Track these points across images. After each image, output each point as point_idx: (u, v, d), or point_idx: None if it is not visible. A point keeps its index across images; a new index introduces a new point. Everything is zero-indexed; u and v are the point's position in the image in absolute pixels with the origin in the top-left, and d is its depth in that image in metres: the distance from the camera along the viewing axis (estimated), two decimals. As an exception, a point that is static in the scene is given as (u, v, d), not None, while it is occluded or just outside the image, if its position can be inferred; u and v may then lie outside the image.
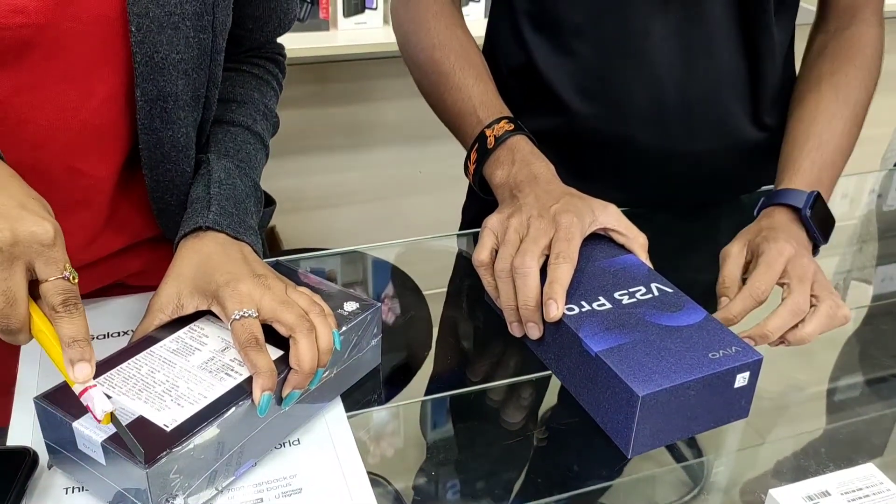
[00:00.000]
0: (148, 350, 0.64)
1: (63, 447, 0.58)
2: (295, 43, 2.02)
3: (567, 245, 0.73)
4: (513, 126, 0.86)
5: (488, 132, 0.86)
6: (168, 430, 0.56)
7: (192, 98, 0.74)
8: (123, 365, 0.62)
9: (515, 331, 0.75)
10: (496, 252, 0.76)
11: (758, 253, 0.79)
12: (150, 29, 0.67)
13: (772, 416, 0.77)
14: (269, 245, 0.77)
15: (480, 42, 1.01)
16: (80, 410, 0.56)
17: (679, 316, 0.69)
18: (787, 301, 0.74)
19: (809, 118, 0.91)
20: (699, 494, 0.71)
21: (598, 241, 0.79)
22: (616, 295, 0.72)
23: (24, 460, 0.59)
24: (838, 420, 0.79)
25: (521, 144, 0.85)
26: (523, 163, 0.83)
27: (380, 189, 2.40)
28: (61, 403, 0.57)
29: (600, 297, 0.72)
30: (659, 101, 0.94)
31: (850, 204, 1.19)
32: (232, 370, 0.62)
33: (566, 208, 0.76)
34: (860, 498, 0.60)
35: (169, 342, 0.65)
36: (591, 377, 0.67)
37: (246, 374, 0.61)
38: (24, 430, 0.64)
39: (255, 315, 0.63)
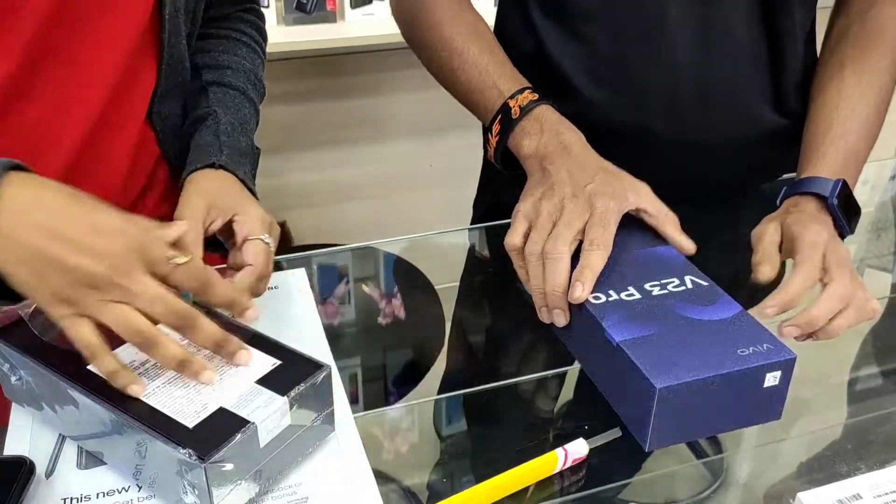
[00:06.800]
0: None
1: None
2: (302, 35, 2.00)
3: (602, 231, 0.71)
4: (537, 95, 0.84)
5: (512, 103, 0.84)
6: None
7: (188, 12, 0.83)
8: None
9: (544, 316, 0.73)
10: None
11: (791, 235, 0.77)
12: None
13: (795, 412, 0.75)
14: (280, 241, 0.76)
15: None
16: None
17: (711, 310, 0.67)
18: (830, 287, 0.72)
19: (833, 104, 0.88)
20: (719, 489, 0.70)
21: (634, 229, 0.77)
22: (647, 286, 0.70)
23: (20, 469, 0.58)
24: (865, 417, 0.77)
25: (549, 114, 0.83)
26: (552, 132, 0.81)
27: (389, 183, 2.39)
28: None
29: (630, 287, 0.70)
30: (675, 88, 0.92)
31: (868, 191, 1.18)
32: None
33: (602, 189, 0.74)
34: (894, 501, 0.58)
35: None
36: (613, 368, 0.65)
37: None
38: (22, 439, 0.63)
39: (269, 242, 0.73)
